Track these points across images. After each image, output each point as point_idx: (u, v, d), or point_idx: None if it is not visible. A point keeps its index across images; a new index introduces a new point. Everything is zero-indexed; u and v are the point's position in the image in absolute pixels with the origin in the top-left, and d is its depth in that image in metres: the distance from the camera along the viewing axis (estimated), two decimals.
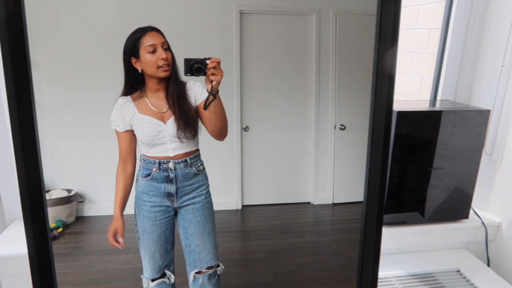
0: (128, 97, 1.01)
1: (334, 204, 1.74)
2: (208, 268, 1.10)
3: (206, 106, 0.99)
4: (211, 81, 0.95)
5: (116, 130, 1.03)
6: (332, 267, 1.51)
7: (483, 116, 1.40)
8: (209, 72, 0.94)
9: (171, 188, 1.05)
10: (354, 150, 1.66)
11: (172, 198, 1.06)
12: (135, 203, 1.08)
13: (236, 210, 1.58)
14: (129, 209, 1.26)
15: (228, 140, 1.53)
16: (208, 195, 1.10)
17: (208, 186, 1.11)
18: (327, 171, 1.71)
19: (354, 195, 1.67)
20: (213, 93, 0.96)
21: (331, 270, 1.50)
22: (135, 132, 1.02)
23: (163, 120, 1.01)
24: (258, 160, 1.59)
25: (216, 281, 1.13)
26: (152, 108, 1.01)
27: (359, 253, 0.87)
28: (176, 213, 1.10)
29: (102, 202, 1.50)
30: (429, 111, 1.44)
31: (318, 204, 1.68)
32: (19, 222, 1.42)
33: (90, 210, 1.48)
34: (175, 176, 1.04)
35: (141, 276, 1.12)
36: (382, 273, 1.33)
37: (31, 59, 0.72)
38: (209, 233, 1.10)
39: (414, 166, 1.44)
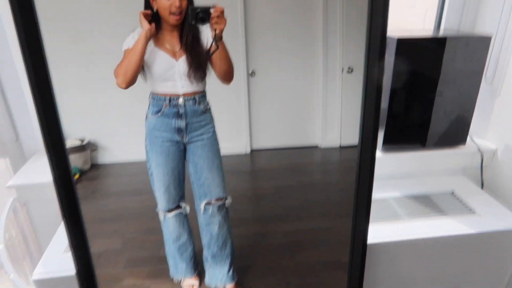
0: None
1: (341, 147, 1.77)
2: (217, 199, 1.17)
3: (210, 54, 1.03)
4: (215, 29, 0.98)
5: (125, 50, 1.03)
6: (338, 202, 1.57)
7: (484, 42, 1.38)
8: (212, 21, 0.97)
9: (181, 124, 1.09)
10: (361, 92, 1.65)
11: (181, 133, 1.11)
12: (146, 140, 1.13)
13: (245, 154, 1.62)
14: (141, 155, 1.32)
15: (235, 86, 1.55)
16: (214, 133, 1.15)
17: (214, 125, 1.16)
18: (335, 114, 1.72)
19: None
20: (217, 40, 1.00)
21: (337, 205, 1.56)
22: (149, 64, 1.05)
23: (175, 57, 1.04)
24: (265, 105, 1.61)
25: (224, 213, 1.20)
26: (166, 45, 1.04)
27: (356, 175, 0.91)
28: (185, 150, 1.15)
29: (114, 150, 1.55)
30: (429, 37, 1.42)
31: (325, 147, 1.71)
32: (37, 156, 1.52)
33: (104, 158, 1.54)
34: (185, 112, 1.08)
35: (156, 210, 1.19)
36: (379, 195, 1.40)
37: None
38: (218, 167, 1.15)
39: (415, 92, 1.44)
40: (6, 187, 1.29)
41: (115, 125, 1.50)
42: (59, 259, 1.07)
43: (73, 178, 0.80)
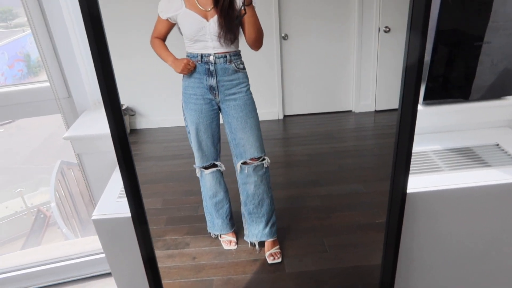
0: None
1: (376, 111, 1.73)
2: (252, 159, 1.19)
3: (238, 19, 1.03)
4: None
5: (159, 15, 1.11)
6: (373, 167, 1.56)
7: None
8: None
9: (212, 81, 1.12)
10: (399, 53, 1.57)
11: (214, 91, 1.14)
12: (182, 98, 1.17)
13: (278, 120, 1.62)
14: (178, 121, 1.36)
15: (267, 50, 1.53)
16: (248, 92, 1.17)
17: (248, 84, 1.17)
18: (370, 78, 1.67)
19: (397, 101, 1.64)
20: (245, 5, 1.01)
21: (372, 169, 1.55)
22: (180, 26, 1.09)
23: (206, 18, 1.06)
24: (298, 69, 1.58)
25: (263, 173, 1.23)
26: (198, 5, 1.06)
27: (396, 129, 0.90)
28: (220, 110, 1.18)
29: (152, 116, 1.59)
30: None
31: (360, 112, 1.68)
32: (87, 112, 1.64)
33: (141, 123, 1.59)
34: (215, 69, 1.10)
35: (194, 166, 1.24)
36: (419, 148, 1.38)
37: None
38: (251, 127, 1.18)
39: (460, 41, 1.36)
40: (63, 138, 1.44)
41: (152, 91, 1.54)
42: (114, 203, 1.19)
43: (127, 130, 0.87)
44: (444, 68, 1.39)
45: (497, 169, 1.23)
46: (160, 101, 1.54)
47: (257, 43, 1.10)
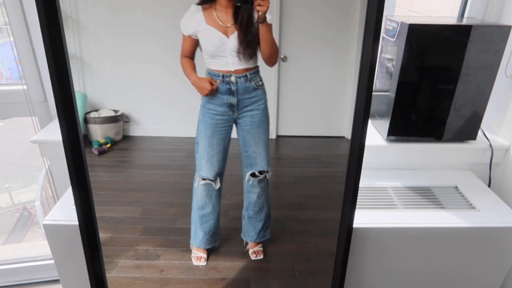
0: (199, 7, 1.11)
1: None
2: (260, 172, 1.27)
3: (250, 35, 1.08)
4: (258, 11, 1.03)
5: (183, 33, 1.14)
6: None
7: (503, 32, 1.28)
8: (256, 3, 1.03)
9: (233, 100, 1.17)
10: None
11: (233, 108, 1.19)
12: (200, 112, 1.22)
13: (271, 140, 1.64)
14: (172, 132, 1.38)
15: (266, 70, 1.55)
16: (265, 108, 1.23)
17: (266, 100, 1.23)
18: None
19: None
20: (259, 22, 1.05)
21: None
22: (200, 41, 1.13)
23: (226, 34, 1.10)
24: (295, 91, 1.60)
25: (264, 184, 1.31)
26: (218, 21, 1.10)
27: (347, 164, 0.91)
28: (236, 124, 1.23)
29: (145, 124, 1.62)
30: (442, 25, 1.34)
31: None
32: None
33: (135, 130, 1.62)
34: (236, 89, 1.15)
35: (195, 176, 1.29)
36: (380, 183, 1.39)
37: None
38: (264, 143, 1.25)
39: (424, 84, 1.38)
40: (30, 141, 1.43)
41: (149, 99, 1.56)
42: (69, 209, 1.18)
43: (82, 140, 0.86)
44: (409, 106, 1.41)
45: (450, 212, 1.23)
46: (156, 110, 1.57)
47: (271, 59, 1.15)
